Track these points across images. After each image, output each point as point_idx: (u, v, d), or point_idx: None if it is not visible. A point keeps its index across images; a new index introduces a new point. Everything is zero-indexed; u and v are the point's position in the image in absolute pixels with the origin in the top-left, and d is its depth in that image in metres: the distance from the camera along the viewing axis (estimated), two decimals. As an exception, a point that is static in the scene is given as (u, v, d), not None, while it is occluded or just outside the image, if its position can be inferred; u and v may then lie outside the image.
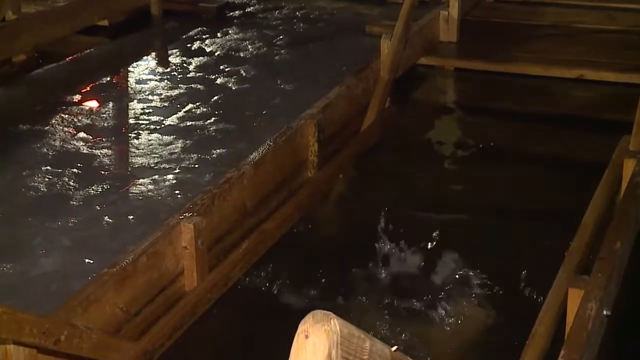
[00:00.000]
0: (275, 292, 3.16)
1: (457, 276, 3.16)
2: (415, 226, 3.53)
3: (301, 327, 1.22)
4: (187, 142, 4.68)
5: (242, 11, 7.09)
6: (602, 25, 5.89)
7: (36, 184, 4.23)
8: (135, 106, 5.26)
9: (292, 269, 3.27)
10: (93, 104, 5.31)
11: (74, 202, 4.04)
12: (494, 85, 5.28)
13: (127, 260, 2.81)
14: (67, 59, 6.10)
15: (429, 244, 3.32)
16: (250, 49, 6.25)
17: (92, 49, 6.30)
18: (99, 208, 3.99)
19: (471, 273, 3.17)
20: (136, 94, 5.46)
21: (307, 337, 1.21)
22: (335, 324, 1.23)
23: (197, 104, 5.23)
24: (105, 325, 2.70)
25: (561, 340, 2.52)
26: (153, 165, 4.41)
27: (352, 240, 3.56)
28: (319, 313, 1.23)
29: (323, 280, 3.19)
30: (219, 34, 6.58)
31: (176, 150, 4.58)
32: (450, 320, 2.96)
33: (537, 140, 4.58)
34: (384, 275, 3.20)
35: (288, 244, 3.42)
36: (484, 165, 4.28)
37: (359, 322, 1.37)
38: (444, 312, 2.98)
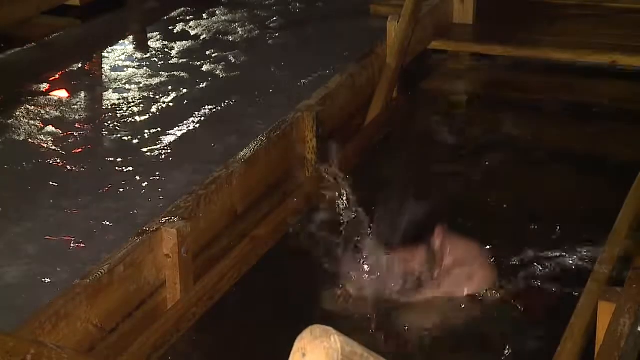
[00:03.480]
0: (267, 306, 3.17)
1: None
2: (428, 232, 3.53)
3: (298, 344, 1.23)
4: (170, 136, 4.70)
5: (230, -11, 7.12)
6: (638, 4, 5.90)
7: (-2, 184, 4.24)
8: (111, 96, 5.27)
9: (287, 280, 3.28)
10: (62, 94, 5.33)
11: (41, 205, 4.05)
12: (515, 73, 5.29)
13: (102, 271, 2.82)
14: (32, 43, 6.11)
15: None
16: (240, 32, 6.26)
17: (61, 32, 6.31)
18: (69, 211, 4.00)
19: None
20: (111, 83, 5.47)
21: (304, 355, 1.23)
22: (336, 340, 1.24)
23: (181, 94, 5.25)
24: (78, 344, 2.71)
25: (590, 359, 2.53)
26: (130, 163, 4.43)
27: (353, 244, 3.56)
28: (317, 328, 1.24)
29: (322, 291, 3.20)
30: (204, 15, 6.60)
31: (157, 146, 4.60)
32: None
33: (564, 134, 4.59)
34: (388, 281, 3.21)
35: (282, 252, 3.43)
36: (504, 162, 4.28)
37: (361, 338, 1.38)
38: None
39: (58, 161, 4.48)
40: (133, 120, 4.93)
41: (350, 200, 3.43)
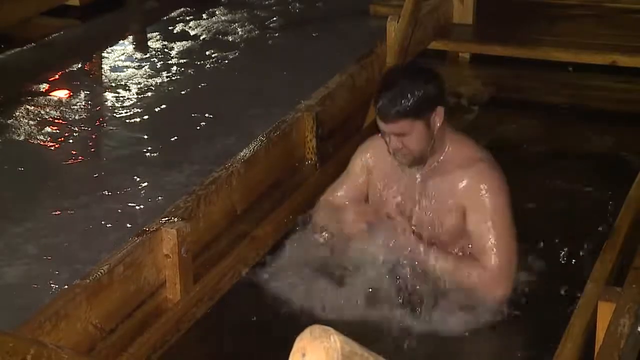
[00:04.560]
0: (268, 306, 3.17)
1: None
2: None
3: (297, 344, 1.23)
4: (169, 137, 4.70)
5: (230, -11, 7.12)
6: (638, 4, 5.90)
7: (-2, 184, 4.25)
8: (110, 97, 5.28)
9: (287, 281, 3.28)
10: (62, 94, 5.33)
11: (41, 205, 4.05)
12: (515, 73, 5.29)
13: (102, 271, 2.82)
14: (32, 43, 6.11)
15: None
16: (240, 32, 6.27)
17: (60, 32, 6.31)
18: (69, 211, 4.01)
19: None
20: (111, 83, 5.48)
21: (304, 355, 1.23)
22: (336, 340, 1.24)
23: (180, 94, 5.25)
24: (77, 344, 2.71)
25: (590, 359, 2.53)
26: (131, 163, 4.43)
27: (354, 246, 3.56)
28: (317, 328, 1.24)
29: (322, 291, 3.20)
30: (204, 15, 6.60)
31: (157, 146, 4.60)
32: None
33: (565, 136, 4.59)
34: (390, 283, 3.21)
35: (282, 253, 3.43)
36: (503, 162, 4.28)
37: (362, 337, 1.38)
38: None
39: (58, 161, 4.48)
40: (133, 120, 4.94)
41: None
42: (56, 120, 4.94)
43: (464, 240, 3.08)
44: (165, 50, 5.99)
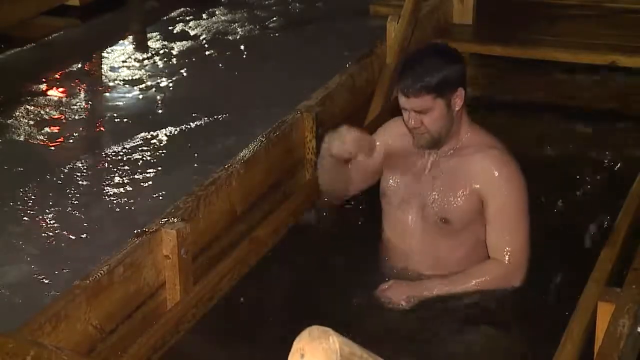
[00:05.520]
0: (267, 307, 3.17)
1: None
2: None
3: (296, 345, 1.23)
4: (169, 137, 4.70)
5: (230, -11, 7.13)
6: (638, 4, 5.91)
7: (-3, 184, 4.25)
8: (110, 97, 5.28)
9: (286, 281, 3.28)
10: (62, 94, 5.33)
11: (41, 205, 4.06)
12: (514, 74, 5.29)
13: (102, 272, 2.82)
14: (32, 43, 6.11)
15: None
16: (240, 32, 6.27)
17: (60, 32, 6.31)
18: (69, 211, 4.01)
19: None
20: (111, 83, 5.48)
21: (302, 356, 1.23)
22: (335, 341, 1.24)
23: (180, 94, 5.25)
24: (77, 345, 2.71)
25: (589, 360, 2.54)
26: (130, 163, 4.43)
27: (354, 246, 3.57)
28: (316, 329, 1.24)
29: (322, 293, 3.21)
30: (204, 15, 6.61)
31: (157, 147, 4.60)
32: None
33: (564, 136, 4.59)
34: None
35: (282, 254, 3.44)
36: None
37: (361, 338, 1.39)
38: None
39: (58, 161, 4.49)
40: (133, 120, 4.94)
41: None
42: (56, 120, 4.94)
43: (474, 226, 3.08)
44: (165, 50, 5.99)
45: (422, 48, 3.34)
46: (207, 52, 5.92)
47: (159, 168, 4.37)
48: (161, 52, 5.97)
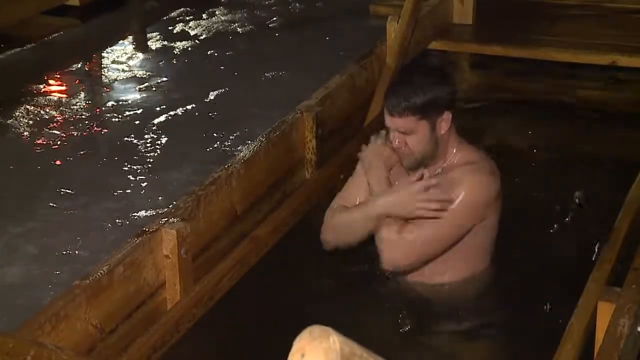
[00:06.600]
0: (267, 307, 3.17)
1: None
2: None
3: (296, 345, 1.23)
4: (169, 137, 4.70)
5: (230, -11, 7.13)
6: (638, 4, 5.91)
7: (-2, 184, 4.25)
8: (111, 96, 5.28)
9: (287, 281, 3.28)
10: (62, 94, 5.33)
11: (41, 205, 4.06)
12: (515, 74, 5.29)
13: (102, 271, 2.82)
14: (32, 43, 6.11)
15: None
16: (240, 32, 6.27)
17: (60, 32, 6.31)
18: (69, 211, 4.01)
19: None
20: (111, 83, 5.48)
21: (303, 356, 1.23)
22: (335, 341, 1.24)
23: (180, 94, 5.25)
24: (77, 345, 2.71)
25: (589, 360, 2.54)
26: (130, 163, 4.43)
27: (354, 247, 3.57)
28: (316, 329, 1.24)
29: (322, 293, 3.21)
30: (204, 15, 6.61)
31: (156, 146, 4.60)
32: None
33: (564, 136, 4.60)
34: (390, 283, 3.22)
35: (282, 254, 3.44)
36: (502, 162, 4.28)
37: (361, 338, 1.38)
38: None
39: (58, 161, 4.49)
40: (133, 120, 4.94)
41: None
42: (56, 120, 4.94)
43: (460, 244, 3.06)
44: (165, 50, 5.99)
45: (414, 65, 3.31)
46: (207, 52, 5.91)
47: (159, 167, 4.37)
48: (161, 52, 5.97)
